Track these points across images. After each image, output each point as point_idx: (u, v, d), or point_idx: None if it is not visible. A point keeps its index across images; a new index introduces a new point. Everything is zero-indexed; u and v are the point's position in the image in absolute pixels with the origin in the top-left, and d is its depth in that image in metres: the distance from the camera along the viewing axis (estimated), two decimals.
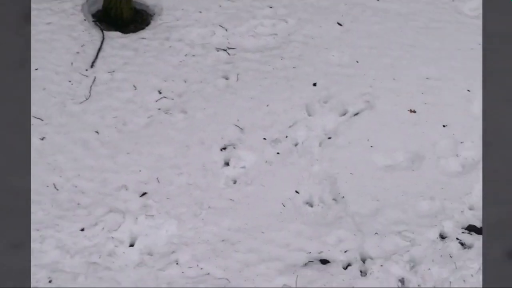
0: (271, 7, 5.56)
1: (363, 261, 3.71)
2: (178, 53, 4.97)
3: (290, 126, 4.49)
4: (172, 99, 4.60)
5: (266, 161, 4.26)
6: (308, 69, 4.98)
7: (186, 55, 4.96)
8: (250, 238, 3.79)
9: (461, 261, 3.67)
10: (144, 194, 4.02)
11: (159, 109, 4.53)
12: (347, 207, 4.05)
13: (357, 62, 5.13)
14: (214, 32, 5.22)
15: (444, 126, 4.70)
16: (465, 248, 3.82)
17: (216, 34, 5.22)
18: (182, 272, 3.56)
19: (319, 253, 3.73)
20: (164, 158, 4.26)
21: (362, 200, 4.10)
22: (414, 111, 4.77)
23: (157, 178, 4.12)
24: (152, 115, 4.49)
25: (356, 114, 4.68)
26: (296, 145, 4.41)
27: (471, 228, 4.01)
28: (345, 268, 3.65)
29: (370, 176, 4.26)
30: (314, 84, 4.85)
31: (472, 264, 3.63)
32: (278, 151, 4.33)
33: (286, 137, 4.43)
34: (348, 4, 5.78)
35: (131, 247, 3.72)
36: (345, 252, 3.74)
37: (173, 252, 3.68)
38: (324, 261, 3.69)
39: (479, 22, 5.78)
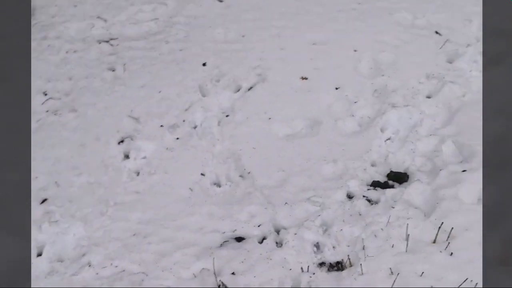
0: None
1: (277, 232, 3.72)
2: (58, 51, 4.79)
3: (186, 110, 4.43)
4: (60, 99, 4.43)
5: (166, 148, 4.19)
6: (195, 49, 4.93)
7: (67, 52, 4.78)
8: (162, 228, 3.71)
9: (370, 217, 3.73)
10: (44, 200, 3.87)
11: (47, 111, 4.35)
12: (254, 181, 4.04)
13: (243, 36, 5.12)
14: (93, 24, 5.07)
15: (336, 88, 4.77)
16: (372, 204, 3.90)
17: (96, 26, 5.06)
18: (97, 273, 3.44)
19: (233, 231, 3.70)
20: (60, 160, 4.10)
21: (268, 172, 4.10)
22: (306, 78, 4.82)
23: (56, 182, 3.97)
24: (40, 118, 4.31)
25: (250, 88, 4.67)
26: (195, 127, 4.35)
27: (375, 184, 4.09)
28: (261, 242, 3.64)
29: (272, 147, 4.27)
30: (204, 64, 4.80)
31: (380, 218, 3.70)
32: (177, 137, 4.26)
33: (184, 121, 4.36)
34: None
35: (39, 257, 3.56)
36: (258, 226, 3.73)
37: (84, 254, 3.55)
38: (239, 239, 3.67)
39: None
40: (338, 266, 3.47)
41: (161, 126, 4.30)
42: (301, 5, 5.56)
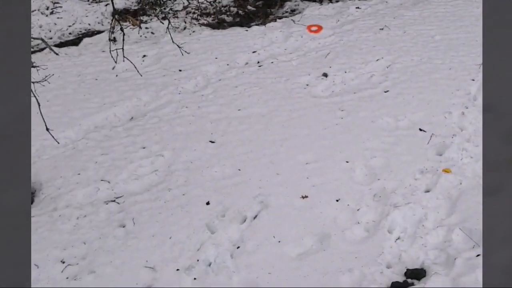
0: (144, 148, 5.75)
1: None
2: (69, 219, 4.96)
3: (198, 249, 4.55)
4: (77, 264, 4.54)
5: None
6: (197, 191, 5.13)
7: (78, 218, 4.96)
8: None
9: None
10: None
11: (67, 278, 4.46)
12: None
13: (239, 170, 5.35)
14: (98, 188, 5.28)
15: (337, 200, 4.94)
16: None
17: (101, 189, 5.27)
18: None
19: None
20: None
21: None
22: (306, 196, 5.00)
23: None
24: (62, 286, 4.40)
25: (255, 216, 4.83)
26: (209, 265, 4.45)
27: (395, 285, 4.15)
28: None
29: (288, 269, 4.35)
30: (208, 203, 4.98)
31: None
32: (194, 277, 4.34)
33: (198, 260, 4.46)
34: (215, 121, 6.10)
35: None
36: None
37: None
38: None
39: (334, 99, 6.29)
40: None
41: (177, 270, 4.40)
42: (287, 131, 5.87)
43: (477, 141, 5.58)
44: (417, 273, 4.24)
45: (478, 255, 4.21)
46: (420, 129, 5.77)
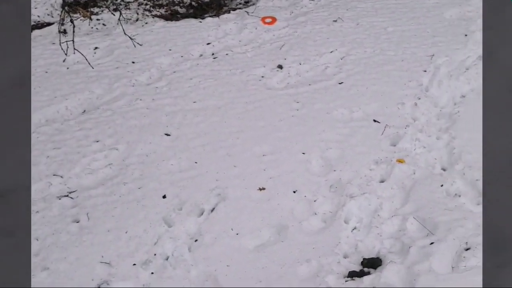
0: (97, 141, 5.64)
1: None
2: None
3: (155, 243, 4.49)
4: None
5: (143, 285, 4.20)
6: (153, 184, 5.06)
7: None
8: None
9: None
10: None
11: None
12: None
13: (196, 162, 5.31)
14: (50, 183, 5.15)
15: (294, 192, 4.95)
16: None
17: (53, 184, 5.14)
18: None
19: None
20: None
21: (247, 285, 4.15)
22: (264, 188, 4.99)
23: None
24: None
25: (213, 209, 4.80)
26: (167, 258, 4.39)
27: (352, 274, 4.18)
28: None
29: (246, 261, 4.34)
30: (164, 196, 4.92)
31: None
32: (152, 271, 4.28)
33: (155, 255, 4.40)
34: (170, 114, 6.03)
35: None
36: None
37: None
38: None
39: (289, 91, 6.30)
40: None
41: (134, 264, 4.34)
42: (243, 123, 5.85)
43: (429, 131, 5.67)
44: (373, 262, 4.28)
45: (432, 243, 4.27)
46: (374, 120, 5.83)
